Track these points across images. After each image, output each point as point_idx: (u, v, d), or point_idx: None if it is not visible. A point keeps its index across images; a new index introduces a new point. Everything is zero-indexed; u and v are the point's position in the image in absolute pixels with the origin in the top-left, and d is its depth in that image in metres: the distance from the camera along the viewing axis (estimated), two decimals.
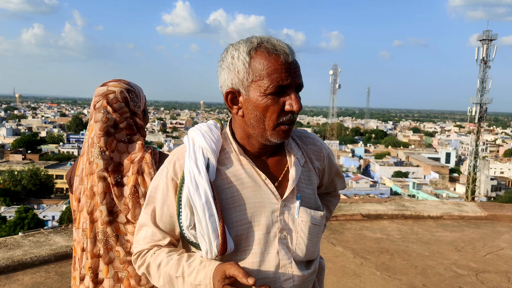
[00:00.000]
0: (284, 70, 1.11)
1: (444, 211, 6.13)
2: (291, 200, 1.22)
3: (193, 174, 1.14)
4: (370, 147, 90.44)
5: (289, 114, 1.14)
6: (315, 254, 1.28)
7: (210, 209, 1.11)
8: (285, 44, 1.14)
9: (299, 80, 1.14)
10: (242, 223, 1.17)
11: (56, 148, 70.01)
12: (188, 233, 1.17)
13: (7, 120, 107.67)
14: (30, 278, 3.63)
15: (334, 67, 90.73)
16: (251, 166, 1.21)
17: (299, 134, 1.35)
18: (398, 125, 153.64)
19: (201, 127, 1.25)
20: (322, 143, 1.37)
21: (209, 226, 1.11)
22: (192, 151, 1.18)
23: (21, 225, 26.22)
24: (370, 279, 3.92)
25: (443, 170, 61.42)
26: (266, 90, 1.12)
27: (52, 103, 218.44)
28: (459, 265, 4.32)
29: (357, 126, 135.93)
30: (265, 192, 1.20)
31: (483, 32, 39.30)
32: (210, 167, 1.17)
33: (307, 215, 1.23)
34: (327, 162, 1.38)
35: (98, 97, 1.57)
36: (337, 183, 1.50)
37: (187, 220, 1.15)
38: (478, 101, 39.62)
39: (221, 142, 1.23)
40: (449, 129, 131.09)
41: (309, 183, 1.28)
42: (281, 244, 1.19)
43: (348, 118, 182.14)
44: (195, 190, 1.12)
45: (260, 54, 1.13)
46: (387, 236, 5.18)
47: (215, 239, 1.11)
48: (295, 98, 1.13)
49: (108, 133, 1.53)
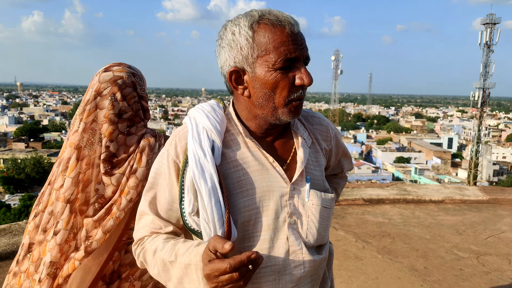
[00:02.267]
0: (291, 42, 1.04)
1: (445, 195, 6.15)
2: (301, 183, 1.15)
3: (198, 157, 1.07)
4: (372, 133, 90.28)
5: (300, 89, 1.08)
6: (326, 238, 1.23)
7: (216, 195, 1.05)
8: (288, 15, 1.07)
9: (306, 52, 1.08)
10: (249, 208, 1.11)
11: (59, 136, 70.13)
12: (190, 220, 1.10)
13: (9, 109, 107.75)
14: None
15: (336, 53, 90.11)
16: (257, 148, 1.14)
17: (305, 114, 1.28)
18: (400, 110, 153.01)
19: (204, 106, 1.18)
20: (328, 123, 1.32)
21: (215, 213, 1.04)
22: (196, 132, 1.11)
23: (25, 212, 26.44)
24: (372, 262, 3.95)
25: (445, 156, 61.39)
26: (274, 65, 1.04)
27: (53, 91, 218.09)
28: (460, 248, 4.35)
29: (359, 112, 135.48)
30: (273, 175, 1.13)
31: (487, 16, 38.83)
32: (215, 150, 1.10)
33: (318, 198, 1.17)
34: (334, 143, 1.33)
35: (106, 83, 1.53)
36: (344, 164, 1.45)
37: (190, 205, 1.09)
38: (481, 85, 39.38)
39: (225, 123, 1.16)
40: (451, 114, 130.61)
41: (317, 164, 1.22)
42: (291, 230, 1.13)
43: (350, 104, 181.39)
44: (200, 174, 1.05)
45: (264, 27, 1.05)
46: (388, 220, 5.21)
47: (221, 227, 1.05)
48: (305, 71, 1.07)
49: (111, 121, 1.50)
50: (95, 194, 1.49)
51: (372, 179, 46.61)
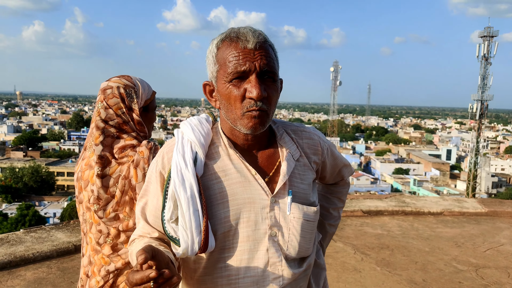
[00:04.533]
0: (242, 56, 1.09)
1: (444, 207, 6.15)
2: (282, 196, 1.18)
3: (179, 167, 1.12)
4: (371, 144, 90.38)
5: (252, 101, 1.09)
6: (309, 251, 1.25)
7: (194, 204, 1.08)
8: (251, 31, 1.11)
9: (264, 65, 1.09)
10: (229, 219, 1.14)
11: (57, 145, 70.09)
12: (169, 227, 1.13)
13: (8, 117, 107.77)
14: (32, 274, 3.65)
15: (335, 64, 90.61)
16: (240, 160, 1.17)
17: (294, 128, 1.30)
18: (399, 122, 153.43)
19: (192, 120, 1.23)
20: (320, 137, 1.33)
21: (193, 221, 1.08)
22: (181, 144, 1.16)
23: (22, 222, 26.28)
24: (371, 275, 3.94)
25: (444, 167, 61.38)
26: (227, 77, 1.11)
27: (52, 100, 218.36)
28: (459, 261, 4.34)
29: (358, 123, 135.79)
30: (254, 187, 1.16)
31: (484, 29, 39.19)
32: (198, 161, 1.15)
33: (299, 211, 1.19)
34: (329, 155, 1.35)
35: (99, 91, 1.64)
36: (344, 172, 1.48)
37: (169, 212, 1.13)
38: (479, 97, 39.56)
39: (211, 136, 1.21)
40: (450, 126, 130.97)
41: (303, 178, 1.24)
42: (271, 242, 1.16)
43: (349, 115, 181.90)
44: (180, 183, 1.10)
45: (225, 43, 1.13)
46: (387, 232, 5.19)
47: (198, 235, 1.08)
48: (254, 83, 1.09)
49: (97, 127, 1.60)
50: (92, 195, 1.59)
51: (371, 190, 46.54)
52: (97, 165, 1.56)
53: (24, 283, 3.48)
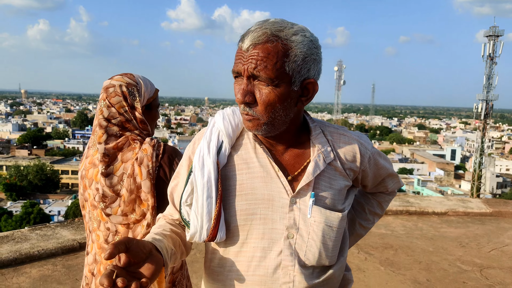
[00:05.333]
0: (238, 56, 1.07)
1: (448, 207, 6.13)
2: (304, 197, 1.12)
3: (202, 153, 1.14)
4: (375, 143, 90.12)
5: (241, 104, 1.08)
6: (333, 259, 1.16)
7: (209, 191, 1.09)
8: (256, 30, 1.04)
9: (251, 69, 1.03)
10: (246, 213, 1.11)
11: (62, 144, 70.44)
12: (183, 209, 1.16)
13: (13, 116, 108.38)
14: (37, 271, 3.67)
15: (339, 63, 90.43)
16: (265, 155, 1.14)
17: (333, 130, 1.22)
18: (403, 121, 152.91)
19: (226, 110, 1.23)
20: (361, 144, 1.22)
21: (204, 207, 1.09)
22: (209, 132, 1.18)
23: (27, 219, 26.46)
24: (374, 274, 3.93)
25: (448, 167, 61.14)
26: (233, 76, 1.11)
27: (57, 99, 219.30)
28: (463, 261, 4.32)
29: (361, 123, 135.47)
30: (276, 184, 1.12)
31: (490, 28, 38.98)
32: (222, 151, 1.14)
33: (321, 215, 1.12)
34: (371, 164, 1.25)
35: (102, 89, 1.64)
36: (389, 183, 1.37)
37: (186, 195, 1.14)
38: (484, 97, 39.36)
39: (240, 128, 1.19)
40: (454, 125, 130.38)
41: (332, 183, 1.16)
42: (287, 244, 1.10)
43: (352, 115, 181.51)
44: (200, 168, 1.11)
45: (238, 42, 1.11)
46: (391, 232, 5.18)
47: (207, 222, 1.08)
48: (240, 88, 1.06)
49: (100, 125, 1.59)
50: (96, 193, 1.60)
51: None
52: (101, 163, 1.56)
53: (30, 280, 3.51)
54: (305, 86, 1.09)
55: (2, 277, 3.52)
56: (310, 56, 1.06)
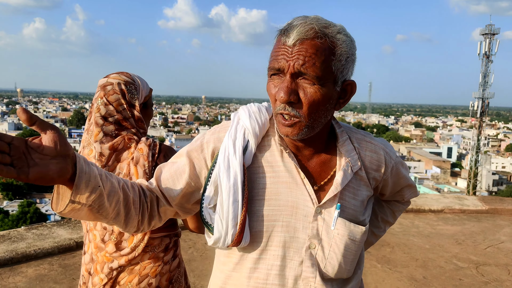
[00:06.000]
0: (280, 52, 0.99)
1: (445, 205, 6.15)
2: (330, 208, 1.07)
3: (227, 153, 1.06)
4: None
5: (282, 104, 1.00)
6: (350, 272, 1.13)
7: (236, 194, 1.03)
8: (301, 25, 0.98)
9: (298, 66, 0.96)
10: (269, 218, 1.06)
11: None
12: (206, 212, 1.09)
13: (8, 115, 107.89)
14: (34, 270, 3.66)
15: None
16: (291, 160, 1.08)
17: (359, 137, 1.17)
18: (399, 119, 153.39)
19: (251, 106, 1.15)
20: (386, 153, 1.18)
21: (230, 211, 1.02)
22: (234, 129, 1.10)
23: (23, 219, 26.35)
24: (371, 272, 3.95)
25: (445, 165, 61.40)
26: (268, 73, 1.04)
27: (53, 98, 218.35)
28: (459, 258, 4.34)
29: (358, 121, 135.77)
30: (301, 191, 1.07)
31: (486, 26, 39.13)
32: (248, 151, 1.08)
33: (345, 228, 1.08)
34: (394, 173, 1.21)
35: (98, 88, 1.62)
36: (406, 193, 1.34)
37: (209, 198, 1.08)
38: (480, 95, 39.54)
39: (267, 126, 1.12)
40: (451, 123, 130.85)
41: (357, 193, 1.12)
42: (309, 255, 1.06)
43: (349, 113, 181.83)
44: (225, 169, 1.04)
45: (277, 36, 1.03)
46: (388, 229, 5.20)
47: (233, 227, 1.03)
48: (285, 85, 0.98)
49: (97, 123, 1.58)
50: None
51: None
52: (98, 162, 1.55)
53: (26, 279, 3.50)
54: (344, 88, 1.05)
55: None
56: (351, 56, 1.02)
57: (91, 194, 0.90)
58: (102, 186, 0.93)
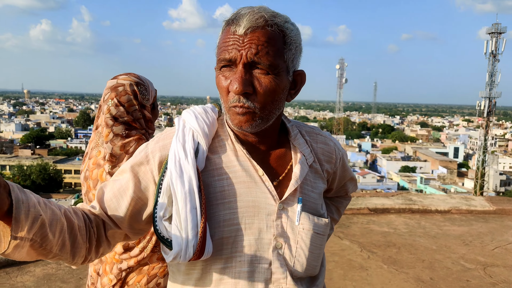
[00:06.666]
0: (230, 42, 0.94)
1: (452, 205, 6.11)
2: (291, 203, 1.03)
3: (178, 157, 0.98)
4: (377, 141, 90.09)
5: (236, 96, 0.95)
6: (316, 269, 1.10)
7: (192, 201, 0.94)
8: (250, 13, 0.95)
9: (249, 54, 0.92)
10: (230, 223, 0.99)
11: (64, 143, 70.65)
12: (161, 226, 0.98)
13: (16, 116, 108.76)
14: (41, 270, 3.69)
15: (341, 61, 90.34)
16: (247, 158, 1.03)
17: (309, 130, 1.16)
18: (405, 119, 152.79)
19: (196, 108, 1.10)
20: (335, 144, 1.19)
21: (189, 220, 0.93)
22: (181, 133, 1.03)
23: None
24: (377, 273, 3.93)
25: (451, 165, 61.03)
26: (217, 65, 0.99)
27: (60, 99, 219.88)
28: (466, 259, 4.31)
29: (364, 121, 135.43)
30: (261, 190, 1.02)
31: (492, 25, 38.85)
32: (200, 153, 1.01)
33: (310, 222, 1.04)
34: (340, 165, 1.21)
35: (107, 89, 1.62)
36: (349, 187, 1.34)
37: (163, 209, 0.98)
38: (487, 95, 39.26)
39: (216, 126, 1.08)
40: (457, 123, 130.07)
41: (315, 186, 1.10)
42: (276, 255, 1.01)
43: (355, 113, 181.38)
44: (178, 175, 0.96)
45: (224, 26, 0.99)
46: (394, 230, 5.18)
47: (194, 237, 0.93)
48: (238, 76, 0.93)
49: (107, 124, 1.58)
50: None
51: (377, 188, 46.38)
52: (108, 162, 1.56)
53: (34, 279, 3.52)
54: (294, 78, 1.03)
55: (6, 276, 3.54)
56: (299, 45, 1.00)
57: (32, 226, 0.80)
58: (43, 215, 0.83)
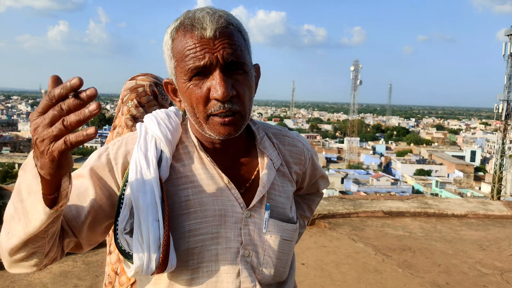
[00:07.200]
0: (199, 47, 0.89)
1: (468, 210, 6.02)
2: (259, 210, 1.01)
3: (140, 167, 0.93)
4: (391, 144, 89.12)
5: (218, 103, 0.90)
6: (285, 275, 1.07)
7: (154, 213, 0.89)
8: (208, 15, 0.90)
9: (225, 55, 0.89)
10: (196, 233, 0.96)
11: None
12: (121, 239, 0.92)
13: None
14: (58, 267, 3.76)
15: (355, 63, 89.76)
16: (212, 165, 0.99)
17: (275, 132, 1.13)
18: (420, 122, 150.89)
19: (158, 113, 1.04)
20: (304, 144, 1.16)
21: (151, 233, 0.88)
22: (143, 140, 0.97)
23: None
24: (392, 276, 3.89)
25: (468, 169, 59.99)
26: (185, 75, 0.92)
27: None
28: (483, 264, 4.24)
29: (378, 123, 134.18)
30: (227, 198, 0.99)
31: (511, 27, 38.13)
32: (163, 162, 0.96)
33: (277, 229, 1.02)
34: (310, 165, 1.18)
35: (127, 91, 1.62)
36: (320, 184, 1.31)
37: (124, 222, 0.92)
38: (505, 97, 38.52)
39: (180, 132, 1.03)
40: (474, 126, 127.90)
41: (282, 190, 1.07)
42: (244, 263, 0.98)
43: (369, 115, 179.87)
44: (140, 187, 0.91)
45: (180, 33, 0.92)
46: (409, 234, 5.12)
47: (156, 250, 0.88)
48: (219, 80, 0.89)
49: (127, 125, 1.59)
50: None
51: (391, 192, 45.88)
52: None
53: (51, 275, 3.59)
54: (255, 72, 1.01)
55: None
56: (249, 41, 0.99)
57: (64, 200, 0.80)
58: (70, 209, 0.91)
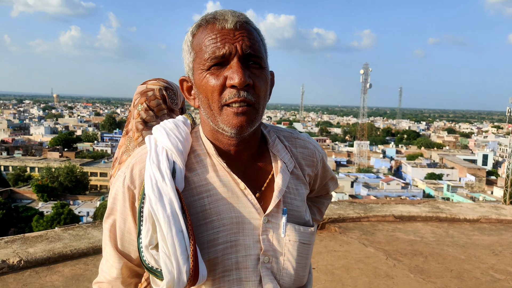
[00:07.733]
0: (220, 37, 0.91)
1: (481, 214, 5.94)
2: (276, 215, 0.99)
3: (155, 180, 0.92)
4: (402, 148, 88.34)
5: (234, 91, 0.90)
6: (305, 278, 1.06)
7: (177, 223, 0.88)
8: (230, 11, 0.94)
9: (246, 47, 0.90)
10: (215, 243, 0.94)
11: (91, 146, 72.36)
12: (147, 255, 0.92)
13: (45, 119, 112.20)
14: (70, 270, 3.79)
15: (365, 66, 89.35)
16: (226, 172, 0.98)
17: (287, 135, 1.12)
18: (431, 125, 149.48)
19: (166, 124, 1.03)
20: (315, 146, 1.16)
21: (177, 245, 0.87)
22: (154, 153, 0.96)
23: (57, 220, 27.26)
24: (403, 281, 3.85)
25: (480, 173, 59.19)
26: (204, 65, 0.92)
27: (87, 103, 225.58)
28: (496, 270, 4.18)
29: (388, 127, 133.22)
30: (244, 204, 0.97)
31: None
32: (177, 173, 0.95)
33: (296, 232, 1.01)
34: (321, 167, 1.18)
35: (137, 95, 1.65)
36: (330, 186, 1.31)
37: (148, 237, 0.92)
38: None
39: (190, 141, 1.02)
40: (486, 130, 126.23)
41: (297, 193, 1.06)
42: (265, 270, 0.97)
43: (379, 118, 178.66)
44: (157, 199, 0.89)
45: (201, 28, 0.95)
46: (420, 239, 5.07)
47: (185, 262, 0.87)
48: (236, 68, 0.89)
49: (137, 129, 1.61)
50: None
51: (402, 196, 45.43)
52: None
53: (63, 279, 3.62)
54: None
55: (36, 275, 3.64)
56: (266, 44, 1.00)
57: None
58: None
